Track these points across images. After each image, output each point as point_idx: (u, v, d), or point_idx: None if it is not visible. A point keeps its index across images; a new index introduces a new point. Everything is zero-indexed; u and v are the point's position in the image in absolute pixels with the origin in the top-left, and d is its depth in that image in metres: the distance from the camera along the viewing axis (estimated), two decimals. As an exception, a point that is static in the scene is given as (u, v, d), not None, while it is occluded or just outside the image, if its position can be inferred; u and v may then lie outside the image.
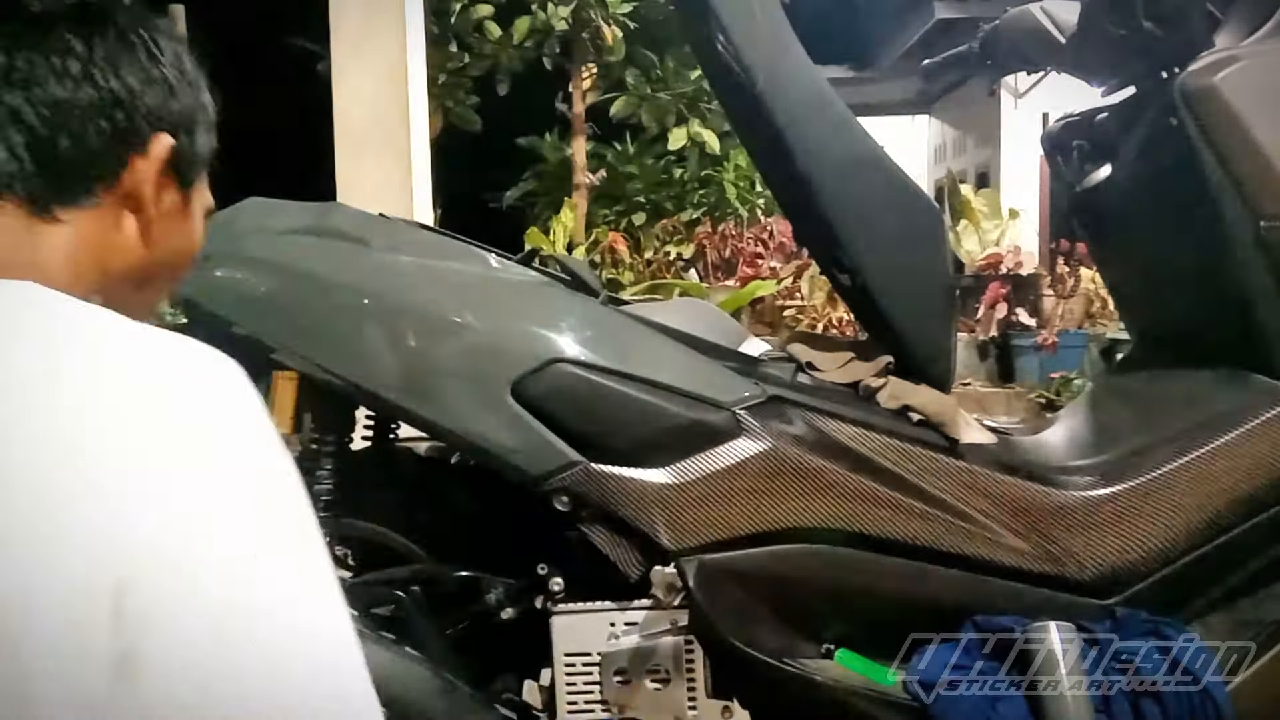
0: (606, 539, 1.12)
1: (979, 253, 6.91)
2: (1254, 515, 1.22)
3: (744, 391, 1.16)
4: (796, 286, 6.37)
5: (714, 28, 1.18)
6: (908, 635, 1.15)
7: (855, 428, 1.18)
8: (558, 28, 7.82)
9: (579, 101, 8.04)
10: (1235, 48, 1.29)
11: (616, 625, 1.14)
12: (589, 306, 1.18)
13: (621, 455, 1.12)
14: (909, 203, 1.27)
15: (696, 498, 1.12)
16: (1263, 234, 1.25)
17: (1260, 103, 1.25)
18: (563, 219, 7.07)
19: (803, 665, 1.12)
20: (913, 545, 1.16)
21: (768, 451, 1.13)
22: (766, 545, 1.14)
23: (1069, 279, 6.31)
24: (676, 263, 6.94)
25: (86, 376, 0.55)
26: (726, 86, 1.26)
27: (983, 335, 6.24)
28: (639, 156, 9.08)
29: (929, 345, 1.29)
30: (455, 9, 7.93)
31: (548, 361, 1.10)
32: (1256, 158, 1.24)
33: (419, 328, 1.11)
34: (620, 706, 1.14)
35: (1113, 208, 1.47)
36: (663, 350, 1.18)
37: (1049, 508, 1.19)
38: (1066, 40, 1.49)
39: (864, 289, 1.28)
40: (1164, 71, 1.33)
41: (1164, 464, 1.22)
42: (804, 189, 1.22)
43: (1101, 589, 1.19)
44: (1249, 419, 1.23)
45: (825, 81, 1.25)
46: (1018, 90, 9.88)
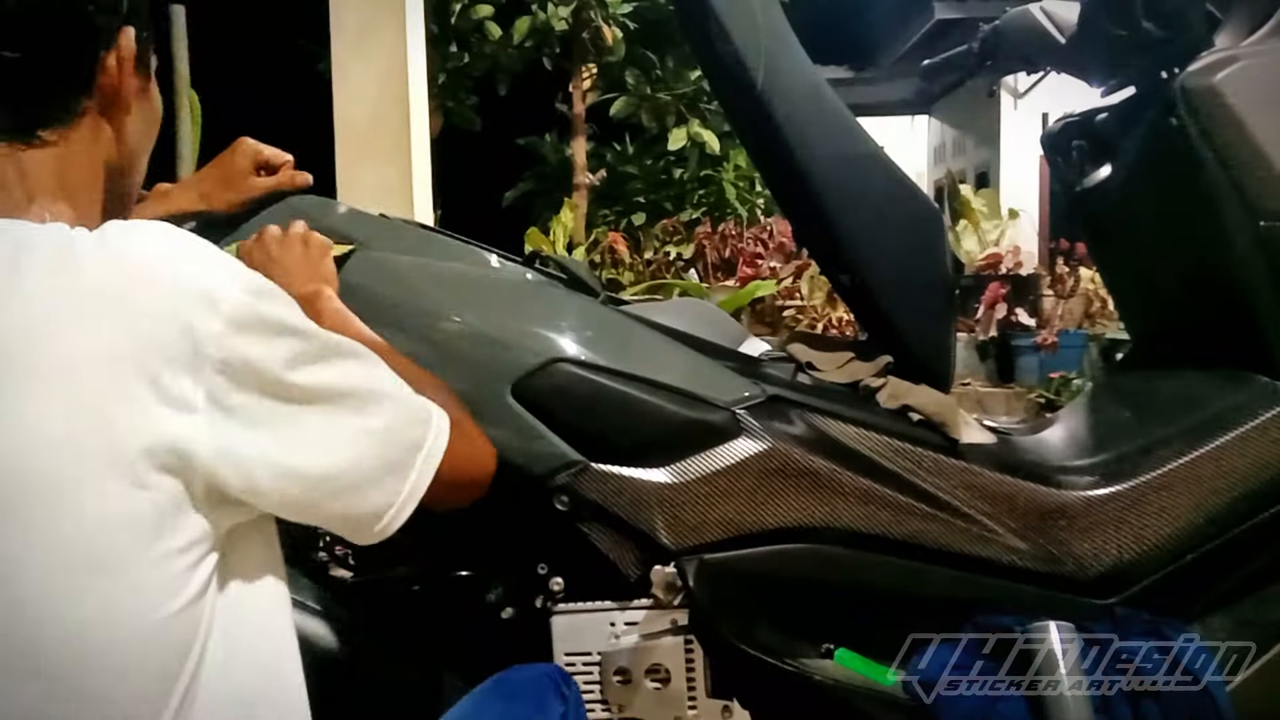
0: (606, 539, 1.12)
1: (979, 253, 6.91)
2: (1254, 515, 1.22)
3: (744, 391, 1.16)
4: (796, 286, 6.37)
5: (714, 28, 1.18)
6: (908, 635, 1.15)
7: (855, 427, 1.18)
8: (558, 28, 7.83)
9: (579, 101, 8.04)
10: (1235, 48, 1.29)
11: (616, 625, 1.14)
12: (589, 306, 1.18)
13: (621, 455, 1.12)
14: (909, 202, 1.27)
15: (696, 497, 1.12)
16: (1263, 234, 1.25)
17: (1260, 103, 1.25)
18: (563, 219, 7.07)
19: (803, 665, 1.12)
20: (913, 545, 1.16)
21: (767, 451, 1.13)
22: (766, 545, 1.14)
23: (1069, 279, 6.32)
24: (676, 263, 6.94)
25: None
26: (726, 86, 1.26)
27: (982, 335, 6.24)
28: (639, 156, 9.09)
29: (929, 345, 1.29)
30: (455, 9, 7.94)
31: (548, 361, 1.10)
32: (1256, 158, 1.24)
33: (419, 328, 1.11)
34: (620, 706, 1.14)
35: (1113, 207, 1.47)
36: (663, 350, 1.18)
37: (1049, 508, 1.19)
38: (1066, 40, 1.49)
39: (864, 289, 1.28)
40: (1164, 71, 1.33)
41: (1164, 464, 1.22)
42: (804, 189, 1.22)
43: (1101, 589, 1.19)
44: (1249, 419, 1.23)
45: (825, 81, 1.25)
46: (1018, 90, 9.89)
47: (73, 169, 0.69)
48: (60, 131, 0.69)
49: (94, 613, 0.60)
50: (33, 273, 0.61)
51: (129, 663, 0.61)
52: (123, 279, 0.62)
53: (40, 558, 0.59)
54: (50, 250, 0.62)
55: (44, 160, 0.68)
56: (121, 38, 0.70)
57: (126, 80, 0.71)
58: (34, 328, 0.60)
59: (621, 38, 7.98)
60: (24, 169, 0.67)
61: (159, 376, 0.60)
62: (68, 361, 0.59)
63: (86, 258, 0.62)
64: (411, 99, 4.44)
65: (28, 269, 0.61)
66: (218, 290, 0.63)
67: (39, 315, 0.60)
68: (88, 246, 0.62)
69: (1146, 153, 1.37)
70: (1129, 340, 1.64)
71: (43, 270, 0.61)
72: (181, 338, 0.61)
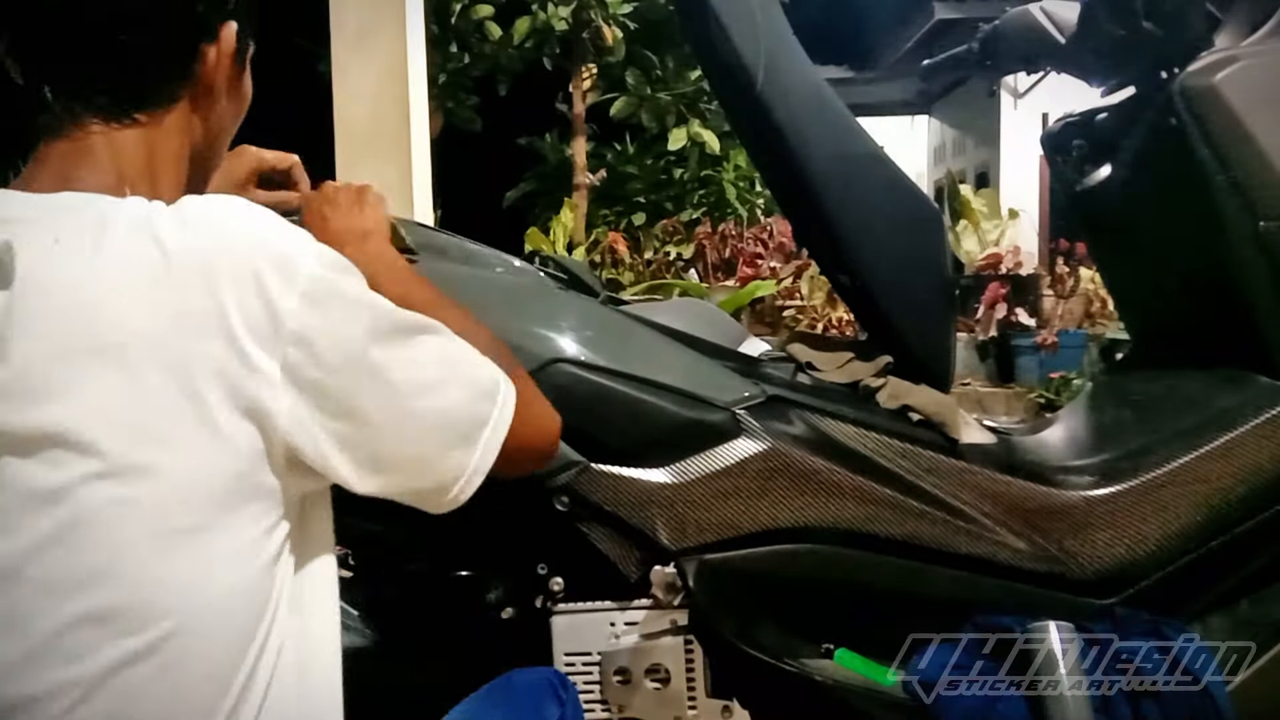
0: (606, 539, 1.12)
1: (979, 253, 6.91)
2: (1254, 515, 1.22)
3: (744, 391, 1.16)
4: (796, 286, 6.37)
5: (714, 28, 1.18)
6: (908, 635, 1.15)
7: (855, 428, 1.18)
8: (558, 28, 7.83)
9: (579, 101, 8.04)
10: (1235, 48, 1.29)
11: (616, 625, 1.14)
12: (589, 306, 1.18)
13: (621, 455, 1.12)
14: (908, 203, 1.27)
15: (696, 498, 1.12)
16: (1263, 234, 1.25)
17: (1260, 103, 1.25)
18: (563, 219, 7.07)
19: (803, 665, 1.12)
20: (912, 545, 1.16)
21: (767, 451, 1.13)
22: (766, 545, 1.14)
23: (1069, 279, 6.32)
24: (676, 263, 6.93)
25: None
26: (726, 86, 1.26)
27: (982, 335, 6.24)
28: (639, 156, 9.09)
29: (929, 345, 1.29)
30: (455, 9, 7.93)
31: (548, 361, 1.10)
32: (1256, 158, 1.24)
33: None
34: (620, 706, 1.14)
35: (1113, 208, 1.47)
36: (663, 350, 1.18)
37: (1049, 508, 1.19)
38: (1066, 40, 1.49)
39: (864, 289, 1.28)
40: (1164, 71, 1.33)
41: (1164, 464, 1.22)
42: (803, 189, 1.22)
43: (1101, 589, 1.19)
44: (1249, 419, 1.23)
45: (824, 81, 1.25)
46: (1018, 90, 9.88)
47: (162, 151, 0.72)
48: (155, 115, 0.72)
49: (182, 574, 0.62)
50: (114, 244, 0.63)
51: (212, 625, 0.63)
52: (201, 248, 0.64)
53: (131, 517, 0.61)
54: (130, 222, 0.64)
55: (136, 140, 0.71)
56: (223, 31, 0.73)
57: (222, 72, 0.74)
58: (115, 295, 0.62)
59: (621, 38, 7.98)
60: (117, 147, 0.70)
61: (239, 340, 0.63)
62: (148, 327, 0.62)
63: (165, 228, 0.64)
64: (411, 99, 4.44)
65: (109, 241, 0.63)
66: (294, 262, 0.66)
67: (120, 284, 0.62)
68: (166, 218, 0.65)
69: (1146, 153, 1.37)
70: (1129, 340, 1.64)
71: (123, 241, 0.63)
72: (260, 307, 0.64)
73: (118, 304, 0.62)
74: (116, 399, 0.61)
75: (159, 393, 0.61)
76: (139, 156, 0.71)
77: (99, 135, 0.70)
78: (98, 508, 0.60)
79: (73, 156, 0.69)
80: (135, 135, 0.71)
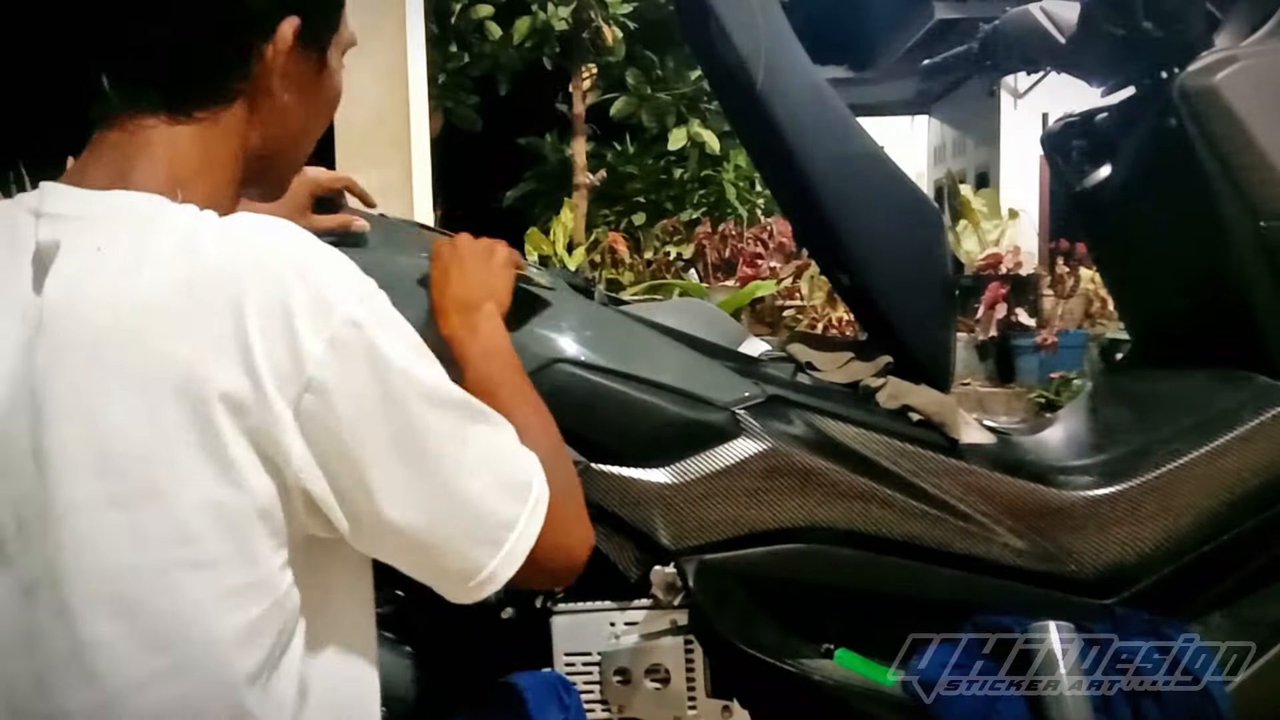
0: (606, 539, 1.12)
1: (979, 253, 6.91)
2: (1254, 515, 1.22)
3: (743, 391, 1.16)
4: (796, 286, 6.36)
5: (714, 28, 1.18)
6: (908, 635, 1.15)
7: (855, 428, 1.18)
8: (558, 28, 7.82)
9: (579, 101, 8.03)
10: (1235, 48, 1.29)
11: (616, 625, 1.14)
12: (589, 307, 1.18)
13: (621, 455, 1.12)
14: (908, 202, 1.27)
15: (696, 497, 1.12)
16: (1263, 234, 1.25)
17: (1260, 103, 1.25)
18: (563, 219, 7.07)
19: (803, 665, 1.12)
20: (912, 545, 1.16)
21: (767, 451, 1.13)
22: (766, 545, 1.14)
23: (1069, 279, 6.31)
24: (676, 263, 6.93)
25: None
26: (726, 86, 1.26)
27: (982, 335, 6.24)
28: (639, 156, 9.08)
29: (929, 345, 1.29)
30: (455, 9, 7.92)
31: (548, 362, 1.10)
32: (1256, 158, 1.24)
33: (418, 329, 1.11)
34: (620, 706, 1.14)
35: (1113, 208, 1.47)
36: (662, 350, 1.18)
37: (1049, 508, 1.19)
38: (1066, 40, 1.49)
39: (864, 289, 1.28)
40: (1164, 71, 1.33)
41: (1164, 464, 1.22)
42: (803, 189, 1.22)
43: (1101, 589, 1.19)
44: (1249, 419, 1.23)
45: (824, 81, 1.25)
46: (1018, 90, 9.88)
47: (217, 149, 0.70)
48: (212, 112, 0.69)
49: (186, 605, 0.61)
50: (155, 262, 0.61)
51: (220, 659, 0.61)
52: (235, 272, 0.62)
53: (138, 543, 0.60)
54: (176, 239, 0.62)
55: (191, 136, 0.69)
56: (282, 28, 0.70)
57: (281, 71, 0.71)
58: (145, 315, 0.61)
59: (621, 38, 7.97)
60: (171, 143, 0.68)
61: (258, 373, 0.60)
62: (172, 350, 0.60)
63: (207, 245, 0.62)
64: (411, 99, 4.44)
65: (152, 249, 0.62)
66: (331, 301, 0.62)
67: (152, 303, 0.61)
68: (210, 235, 0.63)
69: (1146, 153, 1.37)
70: (1129, 340, 1.64)
71: (165, 261, 0.62)
72: (285, 343, 0.61)
73: (147, 324, 0.60)
74: (133, 421, 0.59)
75: (173, 418, 0.59)
76: (194, 154, 0.68)
77: (154, 129, 0.67)
78: (107, 529, 0.60)
79: (127, 150, 0.67)
80: (191, 132, 0.68)
